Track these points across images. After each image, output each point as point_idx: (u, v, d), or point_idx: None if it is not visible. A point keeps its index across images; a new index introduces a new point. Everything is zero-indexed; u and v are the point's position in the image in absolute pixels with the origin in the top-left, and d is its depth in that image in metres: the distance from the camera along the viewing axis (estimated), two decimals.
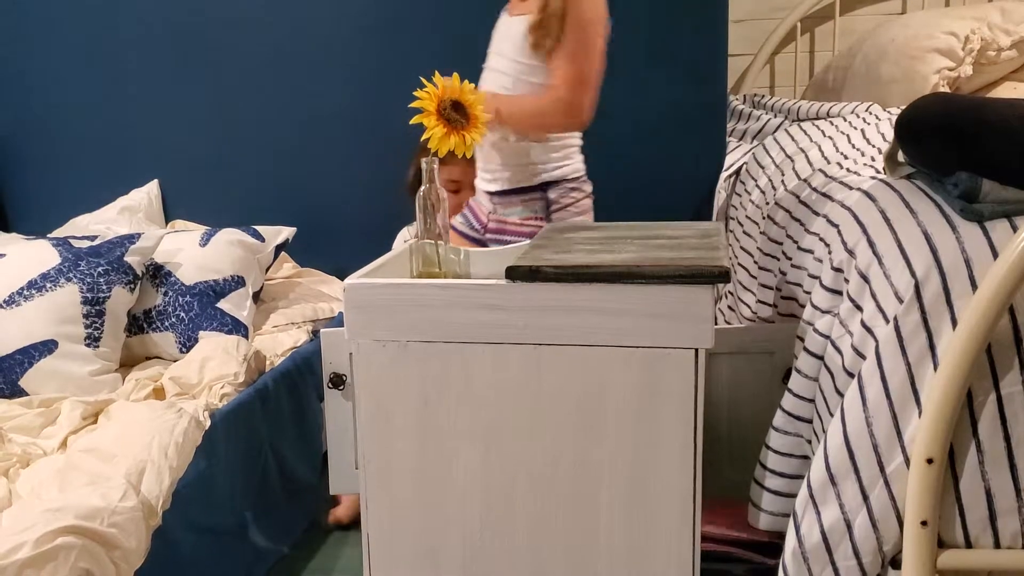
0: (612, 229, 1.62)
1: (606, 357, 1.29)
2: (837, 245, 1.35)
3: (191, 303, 2.08)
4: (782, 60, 3.12)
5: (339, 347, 1.64)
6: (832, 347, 1.28)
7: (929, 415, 1.09)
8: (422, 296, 1.36)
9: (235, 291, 2.16)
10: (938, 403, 1.09)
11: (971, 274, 1.11)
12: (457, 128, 1.60)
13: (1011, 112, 1.22)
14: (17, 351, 1.88)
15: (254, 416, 1.85)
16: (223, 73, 2.53)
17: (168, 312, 2.08)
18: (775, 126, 2.54)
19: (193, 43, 2.53)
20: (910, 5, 3.01)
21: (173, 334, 2.06)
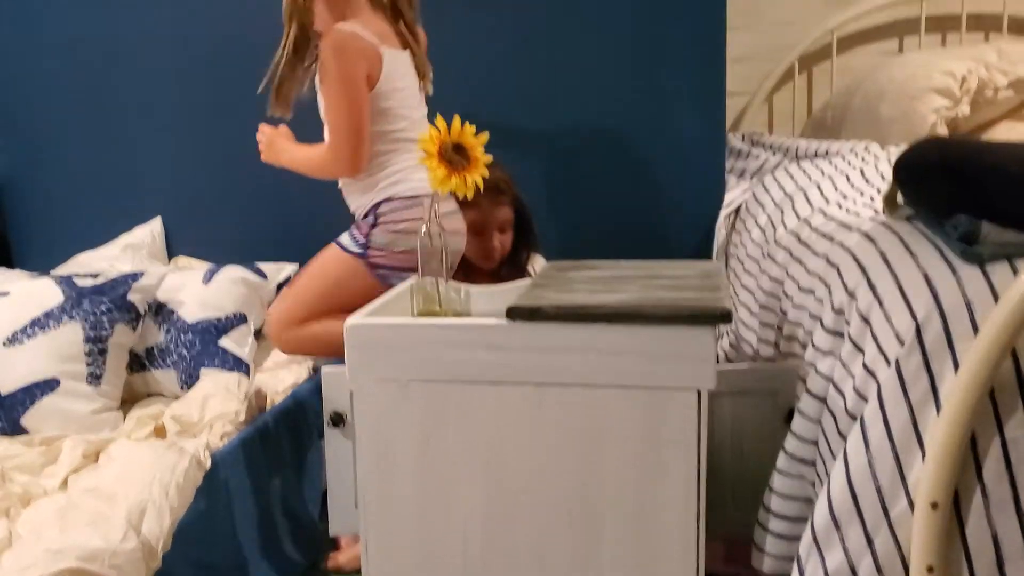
0: (613, 268, 1.62)
1: (608, 397, 1.29)
2: (837, 286, 1.36)
3: (193, 341, 2.09)
4: (780, 98, 3.14)
5: (339, 386, 1.64)
6: (834, 389, 1.29)
7: (933, 459, 1.09)
8: (423, 336, 1.37)
9: (237, 328, 2.16)
10: (941, 447, 1.08)
11: (972, 317, 1.11)
12: (458, 170, 1.61)
13: (1008, 155, 1.23)
14: (20, 389, 1.88)
15: (255, 455, 1.85)
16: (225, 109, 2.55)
17: (170, 349, 2.08)
18: (774, 164, 2.56)
19: (195, 80, 2.56)
20: (907, 45, 3.05)
21: (175, 371, 2.06)
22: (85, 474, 1.63)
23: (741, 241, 2.24)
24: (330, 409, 1.66)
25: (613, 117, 2.42)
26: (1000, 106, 2.58)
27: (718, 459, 1.58)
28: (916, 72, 2.61)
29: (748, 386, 1.58)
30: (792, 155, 2.57)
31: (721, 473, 1.57)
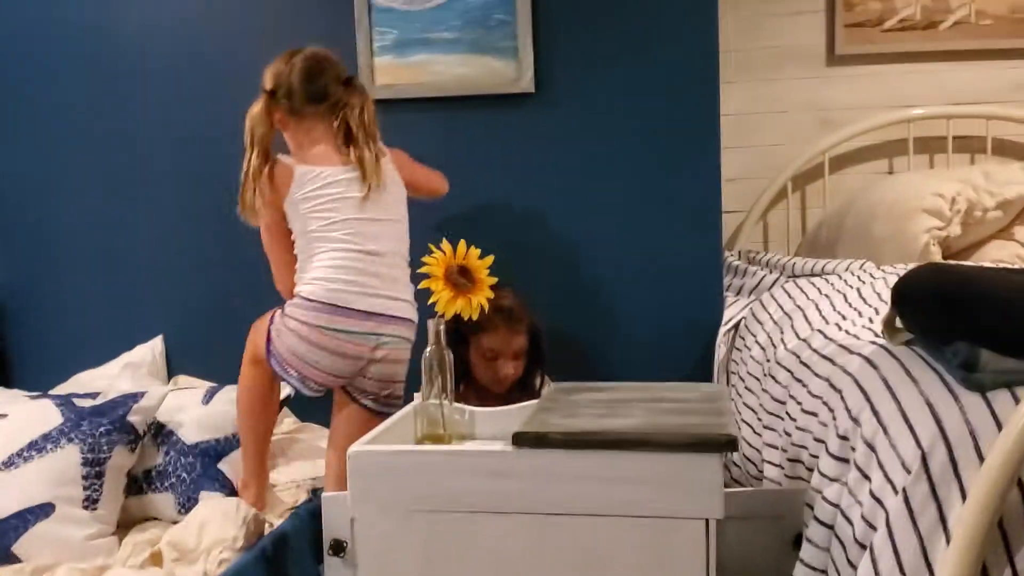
0: (616, 391, 1.63)
1: (614, 527, 1.28)
2: (841, 412, 1.36)
3: (193, 463, 2.07)
4: (775, 216, 3.21)
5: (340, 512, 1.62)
6: (842, 517, 1.28)
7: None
8: (427, 464, 1.37)
9: (236, 451, 2.14)
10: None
11: (977, 445, 1.11)
12: (463, 292, 1.63)
13: (1002, 282, 1.25)
14: (12, 515, 1.85)
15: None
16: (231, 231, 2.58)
17: (169, 472, 2.06)
18: (771, 282, 2.60)
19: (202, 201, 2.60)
20: (896, 166, 3.13)
21: (173, 495, 2.04)
22: None
23: (741, 358, 2.25)
24: (330, 536, 1.63)
25: (611, 235, 2.46)
26: (989, 226, 2.63)
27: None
28: (906, 193, 2.67)
29: (754, 510, 1.56)
30: (789, 273, 2.61)
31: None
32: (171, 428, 2.13)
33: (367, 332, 1.92)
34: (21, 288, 2.72)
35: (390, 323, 1.94)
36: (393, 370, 1.98)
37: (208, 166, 2.59)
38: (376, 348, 1.93)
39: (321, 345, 1.92)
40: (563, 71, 2.43)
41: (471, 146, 2.48)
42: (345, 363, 1.93)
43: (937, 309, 1.25)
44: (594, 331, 2.47)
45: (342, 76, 2.04)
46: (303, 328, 1.91)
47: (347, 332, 1.91)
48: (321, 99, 1.99)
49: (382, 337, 1.93)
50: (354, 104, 2.00)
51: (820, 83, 3.15)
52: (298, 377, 1.96)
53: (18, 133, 2.67)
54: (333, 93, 2.00)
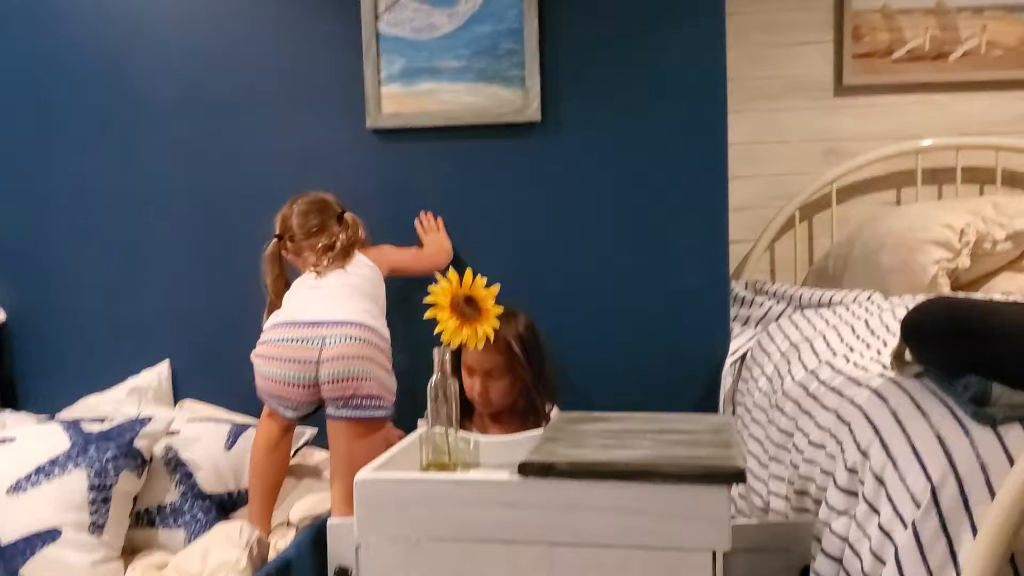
0: (624, 421, 1.62)
1: (622, 558, 1.27)
2: (850, 444, 1.35)
3: (209, 507, 2.09)
4: (782, 246, 3.21)
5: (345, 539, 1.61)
6: (850, 550, 1.27)
7: None
8: (433, 492, 1.36)
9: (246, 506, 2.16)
10: None
11: (988, 480, 1.11)
12: (469, 321, 1.63)
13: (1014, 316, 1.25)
14: (20, 540, 1.85)
15: None
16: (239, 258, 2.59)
17: (184, 510, 2.06)
18: (778, 313, 2.59)
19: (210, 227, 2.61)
20: (904, 196, 3.13)
21: (184, 532, 2.03)
22: None
23: (748, 389, 2.25)
24: (335, 563, 1.63)
25: (618, 264, 2.46)
26: (999, 258, 2.63)
27: None
28: (914, 224, 2.67)
29: (761, 542, 1.55)
30: (796, 303, 2.61)
31: None
32: (190, 469, 2.13)
33: (312, 336, 2.02)
34: (28, 311, 2.73)
35: (335, 326, 2.03)
36: (346, 367, 2.00)
37: (216, 191, 2.61)
38: (322, 349, 2.00)
39: (271, 356, 2.06)
40: (570, 100, 2.44)
41: (477, 174, 2.49)
42: (295, 368, 2.01)
43: (948, 342, 1.25)
44: (600, 360, 2.47)
45: (335, 213, 2.28)
46: (259, 350, 2.10)
47: (292, 339, 2.04)
48: (317, 235, 2.24)
49: (327, 339, 2.01)
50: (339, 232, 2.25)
51: (828, 113, 3.16)
52: (272, 398, 2.08)
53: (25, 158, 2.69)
54: (327, 228, 2.25)
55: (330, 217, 2.26)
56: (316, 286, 2.15)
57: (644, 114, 2.42)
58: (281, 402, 2.06)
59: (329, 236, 2.24)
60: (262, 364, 2.07)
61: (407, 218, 2.51)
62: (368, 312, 2.11)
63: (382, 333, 2.10)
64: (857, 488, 1.29)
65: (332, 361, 2.00)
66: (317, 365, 2.00)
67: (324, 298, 2.12)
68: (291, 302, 2.15)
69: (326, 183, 2.54)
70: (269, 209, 2.57)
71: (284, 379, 2.03)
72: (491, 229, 2.50)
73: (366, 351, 2.03)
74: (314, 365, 2.00)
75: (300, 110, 2.55)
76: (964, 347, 1.22)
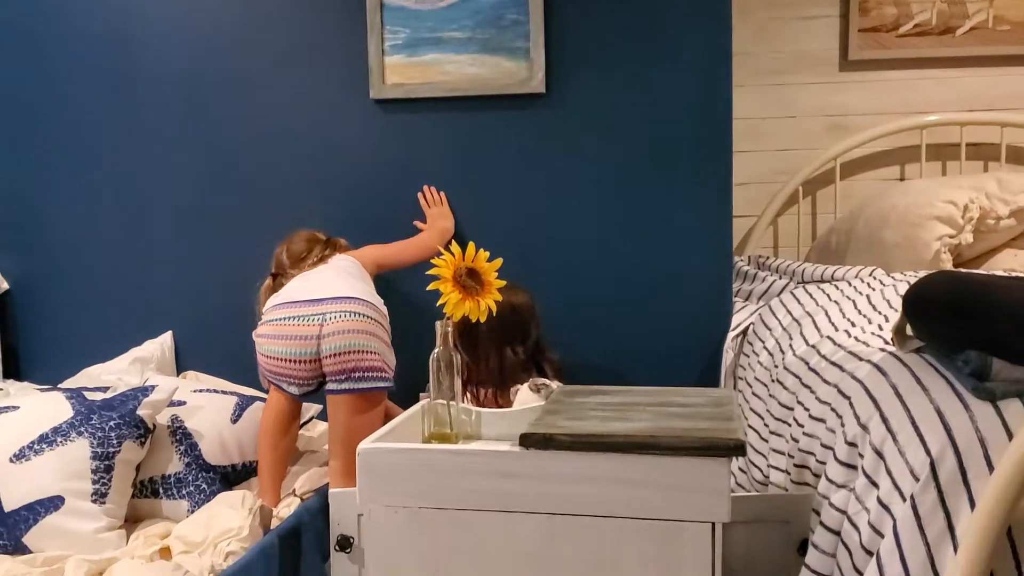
0: (624, 395, 1.63)
1: (621, 528, 1.28)
2: (850, 418, 1.36)
3: (213, 479, 2.10)
4: (785, 221, 3.20)
5: (347, 508, 1.63)
6: (849, 523, 1.28)
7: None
8: (435, 462, 1.37)
9: (251, 477, 2.18)
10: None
11: (987, 454, 1.11)
12: (472, 294, 1.63)
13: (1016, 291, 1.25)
14: (23, 507, 1.86)
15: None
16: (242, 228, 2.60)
17: (188, 480, 2.07)
18: (780, 288, 2.59)
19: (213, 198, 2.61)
20: (908, 172, 3.12)
21: (188, 502, 2.05)
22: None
23: (749, 364, 2.25)
24: (337, 532, 1.65)
25: (621, 238, 2.46)
26: (1002, 234, 2.62)
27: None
28: (918, 200, 2.66)
29: (761, 515, 1.56)
30: (798, 279, 2.61)
31: None
32: (195, 440, 2.14)
33: (312, 313, 2.03)
34: (32, 282, 2.74)
35: (335, 302, 2.05)
36: (347, 341, 2.01)
37: (219, 163, 2.61)
38: (323, 325, 2.01)
39: (272, 335, 2.07)
40: (574, 72, 2.43)
41: (481, 146, 2.49)
42: (297, 344, 2.03)
43: (949, 317, 1.25)
44: (602, 334, 2.47)
45: (322, 240, 2.33)
46: (259, 330, 2.12)
47: (292, 317, 2.05)
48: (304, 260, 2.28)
49: (327, 315, 2.02)
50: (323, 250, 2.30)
51: (833, 88, 3.14)
52: (275, 376, 2.09)
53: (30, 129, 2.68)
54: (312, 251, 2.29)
55: (316, 243, 2.31)
56: (307, 277, 2.18)
57: (649, 87, 2.41)
58: (284, 380, 2.08)
59: (313, 256, 2.29)
60: (264, 343, 2.08)
61: (410, 189, 2.51)
62: (363, 290, 2.13)
63: (380, 308, 2.11)
64: (857, 461, 1.30)
65: (333, 336, 2.01)
66: (318, 340, 2.01)
67: (319, 280, 2.14)
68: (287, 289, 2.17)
69: (329, 154, 2.55)
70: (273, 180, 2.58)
71: (286, 356, 2.04)
72: (494, 201, 2.49)
73: (366, 325, 2.04)
74: (315, 340, 2.02)
75: (304, 81, 2.54)
76: (965, 322, 1.22)
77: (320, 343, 2.01)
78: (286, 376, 2.07)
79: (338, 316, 2.02)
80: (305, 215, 2.55)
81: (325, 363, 2.03)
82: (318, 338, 2.01)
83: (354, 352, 2.02)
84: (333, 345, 2.01)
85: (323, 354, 2.02)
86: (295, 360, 2.04)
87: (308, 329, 2.02)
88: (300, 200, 2.57)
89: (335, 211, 2.55)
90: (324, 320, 2.02)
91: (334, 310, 2.03)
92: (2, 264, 2.73)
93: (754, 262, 2.94)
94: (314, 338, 2.01)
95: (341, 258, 2.26)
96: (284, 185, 2.58)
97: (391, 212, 2.52)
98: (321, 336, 2.01)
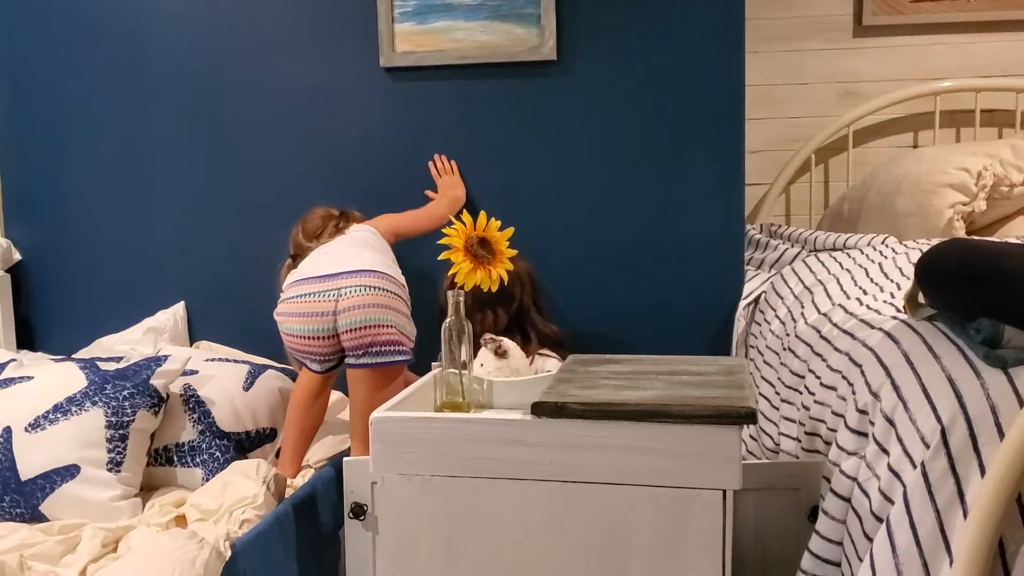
0: (636, 363, 1.63)
1: (632, 496, 1.29)
2: (861, 386, 1.36)
3: (227, 446, 2.11)
4: (797, 190, 3.19)
5: (361, 476, 1.65)
6: (859, 490, 1.28)
7: (961, 565, 1.08)
8: (448, 431, 1.38)
9: (263, 445, 2.20)
10: (969, 553, 1.07)
11: (997, 421, 1.11)
12: (483, 263, 1.64)
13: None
14: (39, 475, 1.88)
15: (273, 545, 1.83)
16: (254, 199, 2.60)
17: (202, 448, 2.09)
18: (792, 256, 2.59)
19: (225, 168, 2.61)
20: (921, 139, 3.10)
21: (202, 470, 2.06)
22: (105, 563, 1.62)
23: (760, 332, 2.25)
24: (351, 500, 1.66)
25: (633, 206, 2.45)
26: (1016, 201, 2.60)
27: (741, 555, 1.56)
28: (932, 167, 2.64)
29: (771, 482, 1.57)
30: (810, 247, 2.60)
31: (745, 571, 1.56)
32: (208, 407, 2.15)
33: (327, 289, 2.03)
34: (44, 253, 2.75)
35: (350, 276, 2.04)
36: (363, 316, 2.01)
37: (229, 132, 2.60)
38: (338, 300, 2.01)
39: (290, 313, 2.07)
40: (586, 39, 2.41)
41: (491, 114, 2.48)
42: (314, 321, 2.03)
43: (961, 284, 1.25)
44: (613, 303, 2.48)
45: (335, 216, 2.32)
46: (279, 308, 2.11)
47: (308, 294, 2.05)
48: (319, 236, 2.28)
49: (342, 290, 2.02)
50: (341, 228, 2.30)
51: (846, 54, 3.11)
52: (298, 354, 2.10)
53: (42, 100, 2.68)
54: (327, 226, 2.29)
55: (330, 219, 2.31)
56: (325, 250, 2.17)
57: (660, 54, 2.39)
58: (306, 357, 2.08)
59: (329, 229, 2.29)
60: (283, 321, 2.09)
61: (420, 157, 2.51)
62: (380, 261, 2.12)
63: (397, 279, 2.11)
64: (867, 429, 1.30)
65: (349, 311, 2.01)
66: (334, 316, 2.01)
67: (334, 254, 2.13)
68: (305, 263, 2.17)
69: (339, 122, 2.54)
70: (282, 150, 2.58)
71: (304, 333, 2.04)
72: (504, 169, 2.49)
73: (382, 299, 2.03)
74: (331, 316, 2.02)
75: (313, 48, 2.53)
76: (977, 290, 1.21)
77: (336, 319, 2.02)
78: (307, 353, 2.07)
79: (353, 291, 2.02)
80: (314, 184, 2.55)
81: (343, 338, 2.03)
82: (334, 314, 2.02)
83: (371, 327, 2.02)
84: (349, 321, 2.01)
85: (340, 329, 2.02)
86: (313, 337, 2.04)
87: (324, 305, 2.02)
88: (310, 169, 2.57)
89: (345, 179, 2.55)
90: (339, 295, 2.01)
91: (349, 284, 2.02)
92: (15, 235, 2.74)
93: (766, 230, 2.93)
94: (330, 314, 2.02)
95: (359, 228, 2.26)
96: (294, 154, 2.58)
97: (401, 180, 2.51)
98: (337, 312, 2.01)
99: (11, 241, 2.73)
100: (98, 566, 1.62)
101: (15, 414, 1.97)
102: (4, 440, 1.93)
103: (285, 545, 1.87)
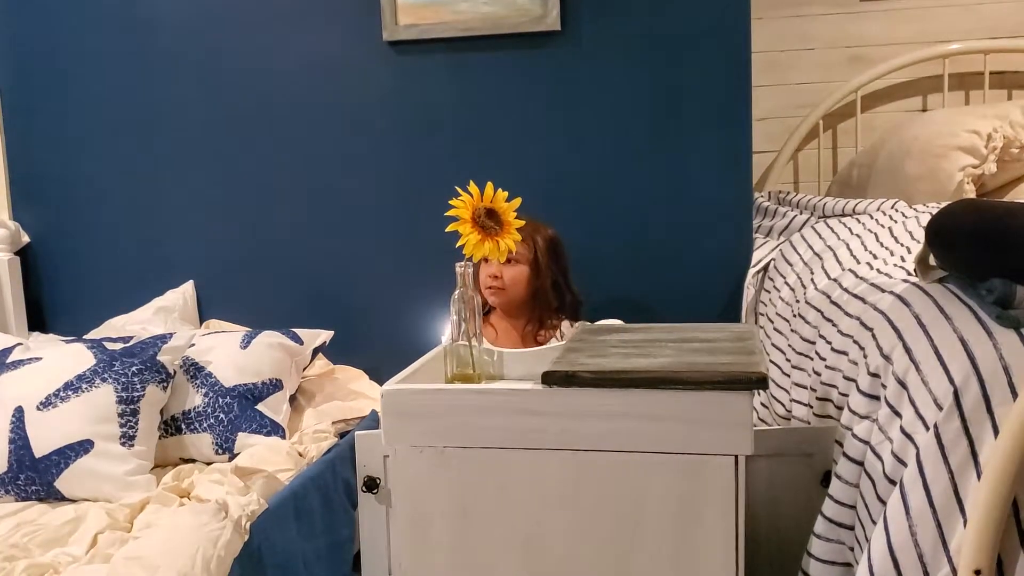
0: (646, 331, 1.63)
1: (645, 463, 1.29)
2: (872, 349, 1.35)
3: (231, 404, 2.11)
4: (805, 156, 3.16)
5: (373, 450, 1.65)
6: (872, 453, 1.28)
7: (974, 525, 1.08)
8: (459, 401, 1.38)
9: (273, 395, 2.19)
10: (983, 513, 1.07)
11: (1010, 381, 1.11)
12: (491, 234, 1.63)
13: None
14: (54, 452, 1.90)
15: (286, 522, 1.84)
16: (260, 176, 2.60)
17: (207, 413, 2.10)
18: (801, 223, 2.57)
19: (231, 147, 2.61)
20: (930, 103, 3.07)
21: (210, 435, 2.08)
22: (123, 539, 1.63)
23: (770, 300, 2.24)
24: (364, 474, 1.67)
25: (640, 175, 2.44)
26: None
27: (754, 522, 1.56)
28: (941, 130, 2.62)
29: (784, 448, 1.57)
30: (819, 213, 2.58)
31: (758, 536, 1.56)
32: (209, 370, 2.16)
33: None
34: (54, 235, 2.76)
35: None
36: None
37: (234, 108, 2.60)
38: None
39: None
40: (589, 9, 2.39)
41: (496, 86, 2.46)
42: None
43: (973, 245, 1.24)
44: (622, 272, 2.47)
45: None
46: None
47: None
48: None
49: None
50: None
51: (853, 18, 3.08)
52: None
53: (48, 81, 2.68)
54: None
55: None
56: None
57: (665, 22, 2.37)
58: None
59: None
60: None
61: (424, 131, 2.50)
62: None
63: None
64: (879, 392, 1.30)
65: None
66: None
67: None
68: None
69: (342, 96, 2.53)
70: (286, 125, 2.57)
71: None
72: (509, 141, 2.48)
73: None
74: None
75: (316, 22, 2.52)
76: (988, 250, 1.20)
77: None
78: None
79: None
80: (319, 159, 2.55)
81: None
82: None
83: None
84: None
85: None
86: None
87: None
88: (314, 145, 2.56)
89: (349, 154, 2.54)
90: None
91: None
92: (23, 218, 2.75)
93: (774, 198, 2.91)
94: None
95: None
96: (298, 130, 2.57)
97: (405, 154, 2.51)
98: None
99: (19, 224, 2.73)
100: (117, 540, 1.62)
101: (26, 393, 1.98)
102: (16, 420, 1.94)
103: (299, 521, 1.88)
